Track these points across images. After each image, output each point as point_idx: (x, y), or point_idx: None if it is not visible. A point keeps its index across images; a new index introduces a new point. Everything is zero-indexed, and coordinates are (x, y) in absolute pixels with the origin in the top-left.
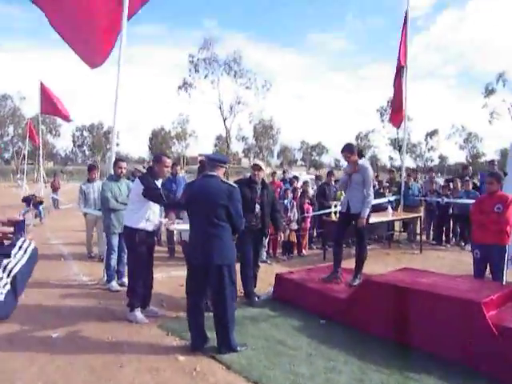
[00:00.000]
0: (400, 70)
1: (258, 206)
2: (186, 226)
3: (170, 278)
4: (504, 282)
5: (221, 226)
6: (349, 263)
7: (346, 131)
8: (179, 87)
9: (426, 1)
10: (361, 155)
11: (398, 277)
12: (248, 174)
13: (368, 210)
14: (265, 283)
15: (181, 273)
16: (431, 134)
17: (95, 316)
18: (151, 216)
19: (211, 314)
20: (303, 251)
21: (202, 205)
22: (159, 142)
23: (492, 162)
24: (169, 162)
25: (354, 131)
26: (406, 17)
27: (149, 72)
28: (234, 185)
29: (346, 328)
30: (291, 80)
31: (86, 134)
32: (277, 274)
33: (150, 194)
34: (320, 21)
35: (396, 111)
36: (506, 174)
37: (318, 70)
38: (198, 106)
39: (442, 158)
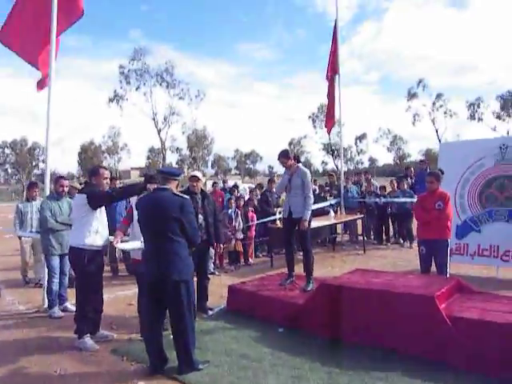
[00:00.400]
0: (332, 78)
1: (200, 217)
2: (134, 245)
3: (116, 298)
4: (448, 275)
5: (176, 241)
6: (296, 268)
7: (279, 138)
8: (110, 100)
9: (347, 12)
10: (297, 160)
11: (352, 278)
12: (186, 185)
13: (310, 213)
14: (215, 295)
15: (127, 292)
16: (360, 137)
17: (37, 348)
18: (100, 228)
19: (167, 332)
20: (250, 260)
21: (155, 220)
22: (89, 156)
23: (422, 161)
24: (107, 173)
25: (287, 138)
26: (335, 26)
27: (74, 85)
28: (185, 196)
29: (304, 334)
30: (222, 89)
31: (7, 151)
32: (229, 286)
33: (96, 196)
34: (247, 31)
35: (329, 117)
36: (442, 172)
37: (248, 79)
38: (130, 118)
39: (372, 161)
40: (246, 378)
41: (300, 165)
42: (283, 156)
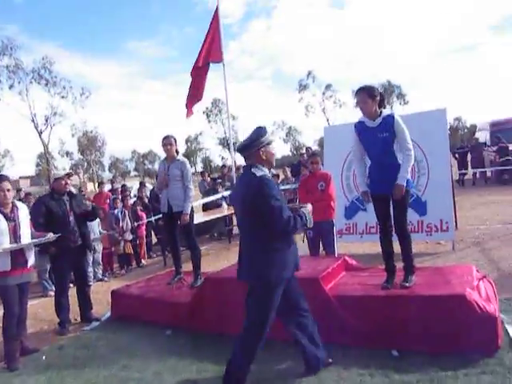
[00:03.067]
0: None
1: (72, 220)
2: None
3: None
4: (336, 255)
5: (257, 236)
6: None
7: (176, 137)
8: None
9: (237, 9)
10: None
11: None
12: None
13: (191, 205)
14: (103, 304)
15: None
16: None
17: None
18: None
19: None
20: (142, 261)
21: (237, 210)
22: None
23: (308, 148)
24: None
25: (183, 135)
26: (216, 11)
27: None
28: (262, 174)
29: (193, 334)
30: (114, 90)
31: None
32: (112, 291)
33: None
34: (135, 29)
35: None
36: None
37: (140, 78)
38: (8, 123)
39: None
40: None
41: (179, 155)
42: (168, 142)
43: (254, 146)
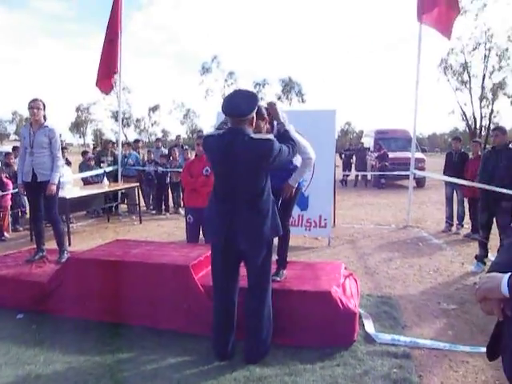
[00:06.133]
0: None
1: None
2: None
3: None
4: None
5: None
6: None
7: (66, 103)
8: None
9: None
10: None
11: (107, 250)
12: None
13: (58, 175)
14: None
15: None
16: (153, 108)
17: None
18: None
19: None
20: (5, 234)
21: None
22: None
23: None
24: None
25: (75, 103)
26: None
27: None
28: (271, 137)
29: (49, 318)
30: (2, 43)
31: None
32: None
33: None
34: None
35: (107, 77)
36: None
37: (31, 32)
38: None
39: (165, 133)
40: None
41: (48, 121)
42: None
43: (253, 111)
